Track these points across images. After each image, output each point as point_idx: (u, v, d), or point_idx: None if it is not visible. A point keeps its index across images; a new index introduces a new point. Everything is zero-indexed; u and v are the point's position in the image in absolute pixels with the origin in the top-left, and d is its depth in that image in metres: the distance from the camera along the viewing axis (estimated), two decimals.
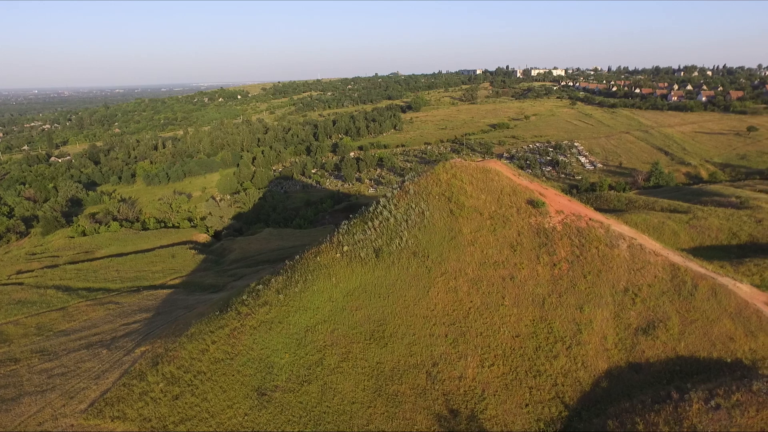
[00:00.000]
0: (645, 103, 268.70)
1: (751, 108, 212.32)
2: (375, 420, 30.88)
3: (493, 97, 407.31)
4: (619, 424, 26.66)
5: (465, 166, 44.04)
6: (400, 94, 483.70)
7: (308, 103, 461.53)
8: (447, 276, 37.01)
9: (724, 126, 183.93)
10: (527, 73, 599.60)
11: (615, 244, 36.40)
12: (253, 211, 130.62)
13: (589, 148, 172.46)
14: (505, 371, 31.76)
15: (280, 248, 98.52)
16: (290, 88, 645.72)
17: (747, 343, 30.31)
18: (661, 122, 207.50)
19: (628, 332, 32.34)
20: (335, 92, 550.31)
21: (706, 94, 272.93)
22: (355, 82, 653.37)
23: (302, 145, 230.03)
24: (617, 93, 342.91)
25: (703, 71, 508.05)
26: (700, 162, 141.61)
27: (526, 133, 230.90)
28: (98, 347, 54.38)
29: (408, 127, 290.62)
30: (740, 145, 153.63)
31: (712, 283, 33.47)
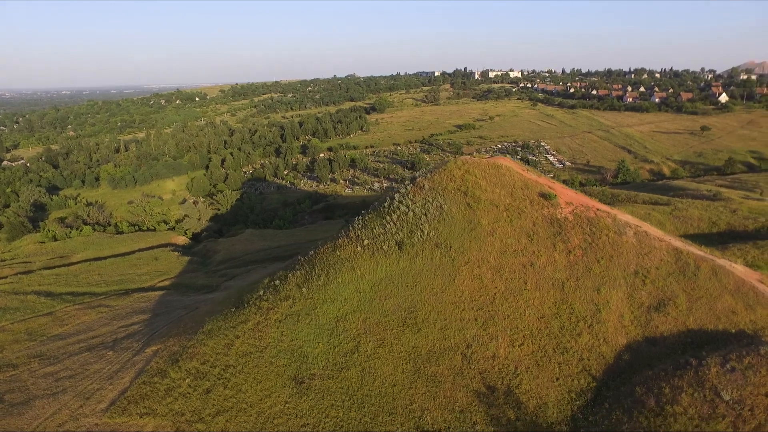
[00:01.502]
0: (603, 104, 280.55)
1: (702, 109, 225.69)
2: (417, 399, 32.88)
3: (455, 98, 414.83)
4: (646, 390, 29.66)
5: (477, 163, 46.69)
6: (362, 95, 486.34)
7: (270, 104, 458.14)
8: (470, 265, 39.42)
9: (679, 126, 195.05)
10: (485, 74, 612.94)
11: (623, 232, 39.78)
12: (230, 213, 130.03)
13: (555, 147, 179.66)
14: (534, 349, 34.39)
15: (266, 248, 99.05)
16: (249, 90, 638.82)
17: (747, 316, 34.05)
18: (620, 122, 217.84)
19: (642, 310, 35.60)
20: (296, 94, 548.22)
21: (658, 95, 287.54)
22: (315, 84, 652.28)
23: (271, 146, 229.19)
24: (575, 94, 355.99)
25: (651, 74, 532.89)
26: (662, 159, 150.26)
27: (493, 134, 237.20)
28: (101, 349, 54.08)
29: (375, 128, 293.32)
30: (696, 143, 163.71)
31: (712, 264, 37.25)
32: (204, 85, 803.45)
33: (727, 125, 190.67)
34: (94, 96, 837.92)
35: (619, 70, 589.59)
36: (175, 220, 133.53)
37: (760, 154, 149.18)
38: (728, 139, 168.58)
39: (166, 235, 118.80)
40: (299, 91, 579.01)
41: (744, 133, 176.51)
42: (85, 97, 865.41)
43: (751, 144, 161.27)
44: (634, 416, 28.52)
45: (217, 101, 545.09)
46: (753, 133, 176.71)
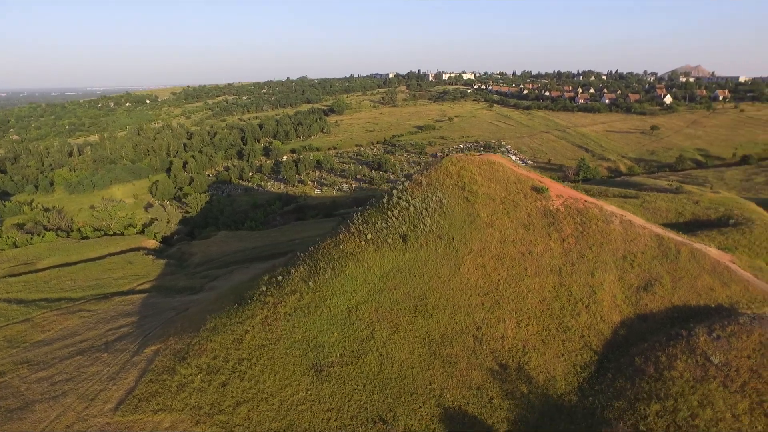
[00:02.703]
0: (556, 105, 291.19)
1: (649, 109, 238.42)
2: (436, 380, 35.18)
3: (411, 100, 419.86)
4: (644, 359, 33.04)
5: (471, 159, 49.47)
6: (319, 97, 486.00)
7: (225, 107, 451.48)
8: (473, 254, 42.06)
9: (630, 125, 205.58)
10: (439, 76, 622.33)
11: (610, 221, 43.39)
12: (200, 216, 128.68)
13: (516, 147, 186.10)
14: (539, 329, 37.31)
15: (243, 249, 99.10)
16: (202, 92, 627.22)
17: (724, 292, 38.12)
18: (574, 122, 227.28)
19: (632, 290, 39.16)
20: (251, 96, 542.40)
21: (608, 96, 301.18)
22: (269, 86, 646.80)
23: (232, 149, 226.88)
24: (529, 96, 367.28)
25: (599, 76, 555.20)
26: (618, 157, 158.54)
27: (453, 134, 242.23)
28: (94, 352, 53.87)
29: (335, 130, 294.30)
30: (647, 142, 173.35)
31: (690, 248, 41.31)
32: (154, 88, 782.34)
33: (674, 125, 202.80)
34: (33, 98, 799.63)
35: (567, 72, 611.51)
36: (142, 223, 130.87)
37: (705, 152, 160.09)
38: (676, 138, 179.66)
39: (136, 239, 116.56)
40: (254, 93, 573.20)
41: (690, 132, 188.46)
42: (23, 99, 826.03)
43: (696, 142, 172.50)
44: (636, 382, 31.78)
45: (170, 104, 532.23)
46: (698, 132, 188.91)
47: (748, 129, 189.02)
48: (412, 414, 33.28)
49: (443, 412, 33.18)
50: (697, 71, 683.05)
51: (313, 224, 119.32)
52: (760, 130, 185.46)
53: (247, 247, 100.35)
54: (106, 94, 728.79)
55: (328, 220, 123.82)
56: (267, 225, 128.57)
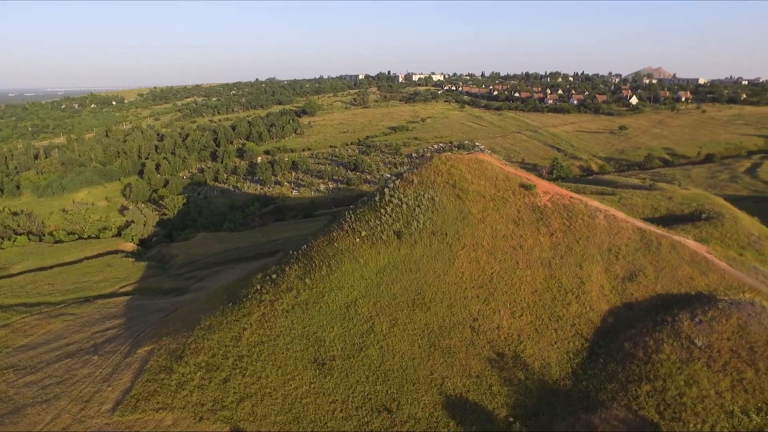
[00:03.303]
0: (526, 106, 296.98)
1: (617, 110, 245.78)
2: (437, 369, 36.53)
3: (383, 101, 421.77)
4: (633, 344, 35.07)
5: (460, 158, 51.08)
6: (290, 98, 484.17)
7: (195, 108, 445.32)
8: (467, 249, 43.60)
9: (599, 126, 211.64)
10: (409, 78, 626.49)
11: (595, 215, 45.54)
12: (178, 217, 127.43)
13: (490, 147, 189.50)
14: (532, 319, 39.04)
15: (226, 250, 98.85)
16: (170, 93, 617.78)
17: (702, 280, 40.58)
18: (545, 123, 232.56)
19: (618, 281, 41.29)
20: (221, 97, 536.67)
21: (576, 97, 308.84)
22: (238, 88, 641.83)
23: (206, 150, 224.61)
24: (499, 97, 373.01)
25: (565, 77, 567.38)
26: (589, 157, 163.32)
27: (427, 135, 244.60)
28: (83, 355, 53.57)
29: (309, 131, 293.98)
30: (616, 141, 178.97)
31: (670, 240, 43.75)
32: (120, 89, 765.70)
33: (640, 125, 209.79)
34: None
35: (535, 73, 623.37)
36: (118, 226, 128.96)
37: (672, 150, 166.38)
38: (643, 138, 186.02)
39: (112, 242, 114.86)
40: (223, 94, 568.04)
41: (656, 132, 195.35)
42: None
43: (663, 142, 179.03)
44: (626, 366, 33.75)
45: (138, 105, 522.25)
46: (664, 131, 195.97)
47: (710, 129, 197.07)
48: (416, 402, 34.53)
49: (445, 400, 34.52)
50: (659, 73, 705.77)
51: (294, 225, 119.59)
52: (721, 130, 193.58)
53: (229, 248, 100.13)
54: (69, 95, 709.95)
55: (309, 220, 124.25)
56: (246, 226, 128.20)
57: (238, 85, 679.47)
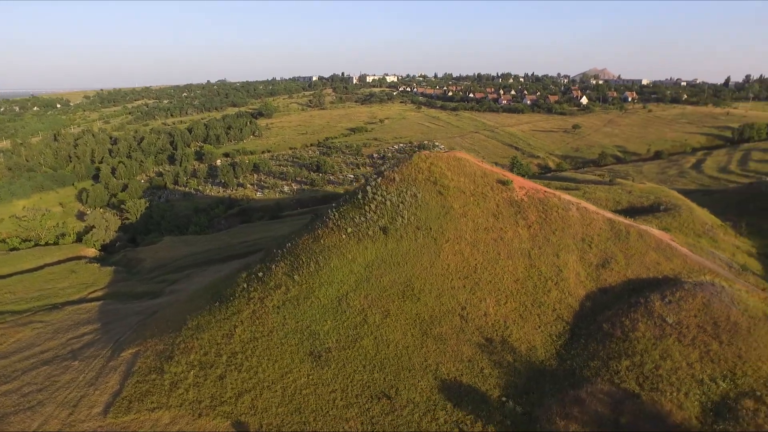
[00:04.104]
0: (482, 106, 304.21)
1: (569, 110, 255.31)
2: (430, 356, 38.40)
3: (339, 102, 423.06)
4: (611, 325, 37.98)
5: (439, 156, 53.19)
6: (245, 101, 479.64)
7: (147, 111, 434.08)
8: (451, 242, 45.72)
9: (554, 125, 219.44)
10: (363, 79, 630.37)
11: (568, 208, 48.54)
12: (141, 222, 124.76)
13: (449, 146, 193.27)
14: (516, 306, 41.48)
15: (195, 253, 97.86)
16: (118, 95, 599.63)
17: (668, 265, 44.09)
18: (501, 123, 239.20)
19: (592, 268, 44.30)
20: (172, 100, 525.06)
21: (530, 98, 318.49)
22: (190, 90, 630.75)
23: (162, 154, 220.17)
24: (454, 97, 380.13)
25: (516, 78, 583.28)
26: (546, 155, 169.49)
27: (386, 135, 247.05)
28: (61, 361, 52.88)
29: (267, 133, 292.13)
30: (571, 140, 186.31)
31: (638, 229, 47.21)
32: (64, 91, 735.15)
33: (592, 124, 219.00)
34: None
35: (487, 74, 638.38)
36: (77, 232, 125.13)
37: (623, 148, 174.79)
38: (596, 136, 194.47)
39: (73, 248, 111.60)
40: (175, 97, 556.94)
41: (607, 131, 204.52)
42: None
43: (614, 140, 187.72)
44: (606, 344, 36.59)
45: (85, 108, 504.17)
46: (614, 130, 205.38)
47: (657, 127, 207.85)
48: (413, 388, 36.28)
49: (441, 384, 36.42)
50: (604, 74, 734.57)
51: (261, 226, 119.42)
52: (667, 128, 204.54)
53: (198, 251, 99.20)
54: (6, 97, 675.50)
55: (276, 221, 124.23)
56: (212, 229, 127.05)
57: (189, 87, 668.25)
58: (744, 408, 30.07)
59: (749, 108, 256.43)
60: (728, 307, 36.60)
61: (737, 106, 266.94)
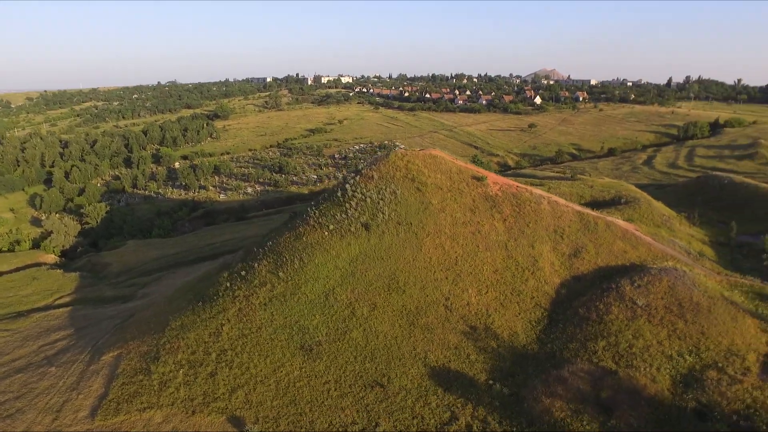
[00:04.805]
0: (438, 107, 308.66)
1: (524, 109, 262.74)
2: (418, 345, 40.07)
3: (295, 103, 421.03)
4: (586, 309, 40.67)
5: (416, 154, 54.97)
6: (199, 102, 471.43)
7: (96, 113, 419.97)
8: (431, 236, 47.55)
9: (510, 124, 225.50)
10: (318, 80, 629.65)
11: (540, 202, 51.20)
12: (102, 226, 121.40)
13: (410, 146, 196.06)
14: (497, 295, 43.68)
15: (163, 256, 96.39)
16: (64, 97, 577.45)
17: (634, 253, 47.32)
18: (459, 122, 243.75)
19: (565, 257, 47.03)
20: (123, 102, 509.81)
21: (485, 98, 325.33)
22: (140, 91, 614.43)
23: (118, 157, 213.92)
24: (410, 98, 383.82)
25: (470, 78, 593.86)
26: (505, 153, 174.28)
27: (346, 136, 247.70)
28: (37, 368, 52.12)
29: (225, 135, 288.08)
30: (528, 138, 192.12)
31: (605, 220, 50.32)
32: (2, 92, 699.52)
33: (547, 123, 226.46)
34: None
35: (441, 74, 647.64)
36: (32, 238, 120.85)
37: (578, 146, 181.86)
38: (551, 135, 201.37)
39: (31, 255, 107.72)
40: (125, 98, 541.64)
41: (562, 129, 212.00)
42: None
43: (569, 138, 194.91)
44: (583, 327, 39.21)
45: (28, 110, 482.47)
46: (569, 128, 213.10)
47: (609, 126, 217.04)
48: (404, 375, 37.85)
49: (430, 371, 38.15)
50: (554, 74, 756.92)
51: (228, 228, 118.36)
52: (619, 126, 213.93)
53: (166, 253, 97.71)
54: None
55: (242, 223, 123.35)
56: (176, 232, 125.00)
57: (139, 88, 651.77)
58: (709, 378, 33.10)
59: (691, 107, 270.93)
60: (690, 289, 39.85)
61: (681, 105, 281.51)
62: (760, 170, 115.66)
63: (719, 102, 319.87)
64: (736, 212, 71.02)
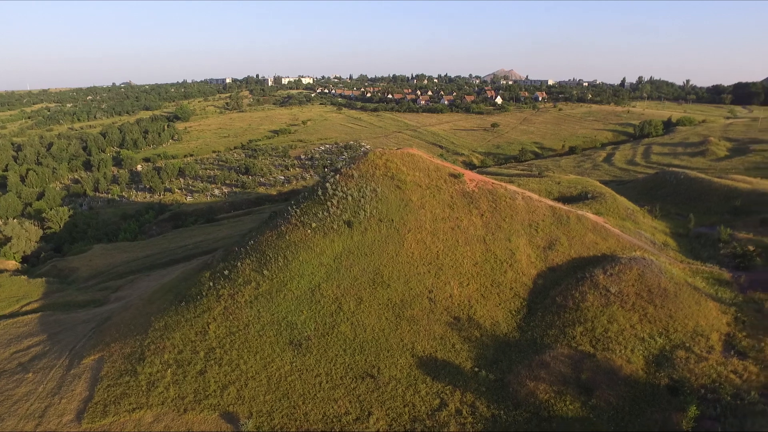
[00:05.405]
0: (401, 107, 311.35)
1: (485, 109, 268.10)
2: (405, 336, 41.47)
3: (257, 104, 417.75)
4: (563, 298, 42.94)
5: (394, 153, 56.38)
6: (158, 104, 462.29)
7: (49, 116, 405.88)
8: (413, 232, 49.05)
9: (473, 124, 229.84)
10: (278, 81, 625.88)
11: (515, 197, 53.43)
12: (65, 231, 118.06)
13: (376, 146, 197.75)
14: (478, 287, 45.52)
15: (134, 259, 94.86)
16: (12, 98, 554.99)
17: (604, 244, 50.06)
18: (422, 122, 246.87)
19: (540, 250, 49.33)
20: (77, 104, 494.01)
21: (447, 98, 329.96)
22: (95, 93, 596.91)
23: (77, 160, 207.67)
24: (373, 98, 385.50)
25: (431, 79, 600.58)
26: (470, 152, 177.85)
27: (311, 137, 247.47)
28: (12, 375, 51.26)
29: (187, 136, 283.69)
30: (491, 138, 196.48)
31: (576, 214, 52.95)
32: None
33: (509, 122, 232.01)
34: None
35: (402, 75, 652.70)
36: None
37: (540, 144, 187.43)
38: (513, 134, 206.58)
39: None
40: (79, 100, 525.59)
41: (524, 128, 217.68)
42: None
43: (531, 137, 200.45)
44: (561, 315, 41.44)
45: None
46: (530, 128, 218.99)
47: (568, 125, 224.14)
48: (394, 366, 39.18)
49: (418, 361, 39.60)
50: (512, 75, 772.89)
51: (199, 230, 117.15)
52: (578, 125, 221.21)
53: (137, 257, 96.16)
54: None
55: (212, 225, 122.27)
56: (143, 235, 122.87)
57: (93, 89, 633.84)
58: (678, 357, 35.73)
59: (645, 107, 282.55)
60: (658, 276, 42.65)
61: (635, 105, 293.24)
62: (711, 166, 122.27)
63: (670, 102, 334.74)
64: (692, 205, 75.43)
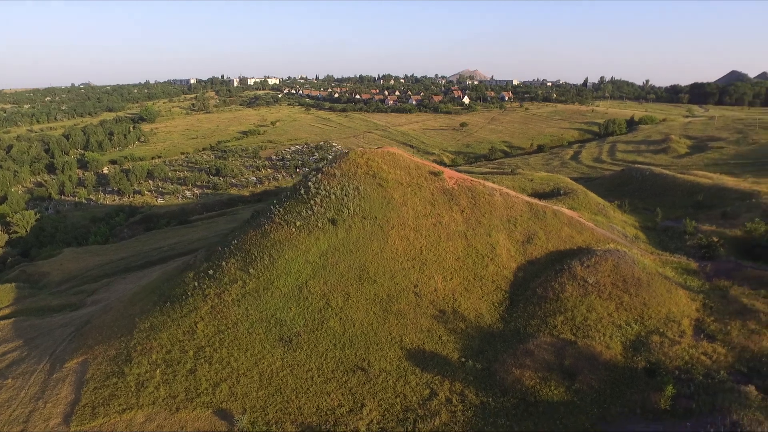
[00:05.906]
0: (369, 107, 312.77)
1: (453, 109, 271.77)
2: (393, 330, 42.62)
3: (224, 105, 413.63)
4: (543, 289, 44.84)
5: (375, 152, 57.46)
6: (121, 105, 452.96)
7: (6, 117, 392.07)
8: (396, 228, 50.26)
9: (442, 123, 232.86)
10: (244, 81, 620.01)
11: (493, 194, 55.24)
12: (32, 235, 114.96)
13: (346, 146, 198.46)
14: (461, 280, 47.03)
15: (108, 262, 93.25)
16: None
17: (580, 237, 52.30)
18: (391, 122, 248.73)
19: (519, 244, 51.22)
20: (34, 105, 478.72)
21: (415, 98, 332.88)
22: (53, 94, 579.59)
23: (39, 162, 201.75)
24: (341, 99, 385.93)
25: (397, 79, 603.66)
26: (440, 151, 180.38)
27: (281, 138, 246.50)
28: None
29: (153, 138, 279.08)
30: (461, 137, 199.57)
31: (552, 209, 55.11)
32: None
33: (477, 122, 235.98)
34: None
35: (369, 75, 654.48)
36: None
37: (509, 143, 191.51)
38: (482, 133, 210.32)
39: None
40: (36, 101, 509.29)
41: (492, 128, 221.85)
42: None
43: (500, 136, 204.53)
44: (542, 305, 43.29)
45: None
46: (498, 127, 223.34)
47: (535, 124, 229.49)
48: (383, 359, 40.28)
49: (407, 353, 40.80)
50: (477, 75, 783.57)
51: (172, 231, 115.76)
52: (544, 124, 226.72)
53: (111, 259, 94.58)
54: None
55: (186, 226, 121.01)
56: (115, 238, 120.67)
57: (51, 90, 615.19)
58: (653, 342, 37.95)
59: (608, 106, 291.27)
60: (632, 267, 44.99)
61: (598, 104, 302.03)
62: (674, 163, 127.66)
63: (631, 101, 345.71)
64: (657, 200, 79.07)
